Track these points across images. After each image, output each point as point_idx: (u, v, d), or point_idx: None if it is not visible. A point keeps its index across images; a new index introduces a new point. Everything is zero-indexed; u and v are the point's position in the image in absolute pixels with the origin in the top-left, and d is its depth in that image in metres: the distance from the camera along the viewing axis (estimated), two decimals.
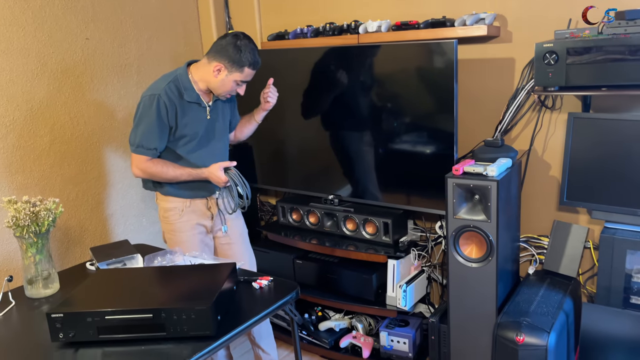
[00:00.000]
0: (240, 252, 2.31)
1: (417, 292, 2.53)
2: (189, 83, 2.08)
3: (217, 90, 2.09)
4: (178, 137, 2.09)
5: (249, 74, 2.07)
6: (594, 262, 2.25)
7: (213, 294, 1.49)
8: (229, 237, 2.29)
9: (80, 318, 1.44)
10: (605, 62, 1.83)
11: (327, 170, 2.71)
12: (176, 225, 2.18)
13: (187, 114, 2.08)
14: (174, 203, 2.17)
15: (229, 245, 2.30)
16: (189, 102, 2.08)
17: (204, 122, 2.13)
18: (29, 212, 1.69)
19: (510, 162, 2.15)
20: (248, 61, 2.03)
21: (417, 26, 2.36)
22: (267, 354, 2.36)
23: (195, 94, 2.09)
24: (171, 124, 2.06)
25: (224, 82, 2.06)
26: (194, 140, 2.11)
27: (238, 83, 2.08)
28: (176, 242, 2.18)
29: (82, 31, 2.56)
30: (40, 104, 2.42)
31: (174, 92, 2.05)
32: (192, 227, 2.19)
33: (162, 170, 2.08)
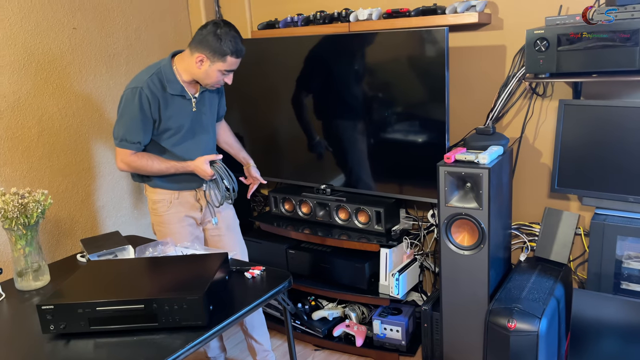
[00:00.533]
0: (230, 244, 2.29)
1: (409, 280, 2.54)
2: (172, 75, 2.04)
3: (202, 81, 2.05)
4: (162, 130, 2.06)
5: (233, 62, 2.01)
6: (584, 249, 2.27)
7: (205, 284, 1.49)
8: (219, 228, 2.27)
9: (71, 309, 1.43)
10: (595, 48, 1.83)
11: (319, 160, 2.71)
12: (164, 217, 2.17)
13: (171, 107, 2.04)
14: (162, 195, 2.15)
15: (219, 237, 2.28)
16: (172, 95, 2.04)
17: (189, 114, 2.09)
18: (17, 204, 1.67)
19: (501, 149, 2.16)
20: (230, 50, 1.96)
21: (408, 14, 2.35)
22: (260, 344, 2.36)
23: (179, 86, 2.04)
24: (154, 117, 2.02)
25: (207, 73, 2.01)
26: (179, 133, 2.08)
27: (223, 72, 2.02)
28: (165, 233, 2.17)
29: (69, 20, 2.52)
30: (27, 94, 2.39)
31: (157, 85, 2.01)
32: (180, 219, 2.17)
33: (147, 164, 2.05)
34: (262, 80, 2.76)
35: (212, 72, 2.00)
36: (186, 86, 2.07)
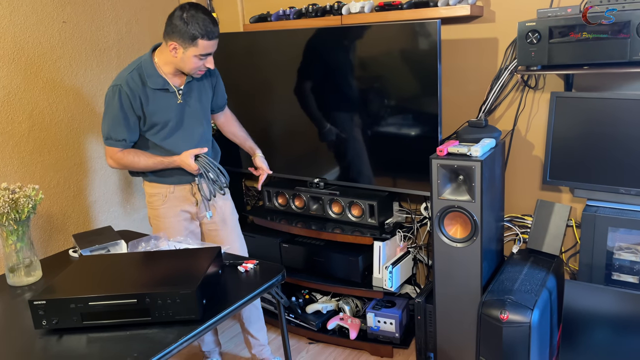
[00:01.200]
0: (227, 238, 2.27)
1: (403, 273, 2.55)
2: (152, 69, 2.00)
3: (183, 69, 1.99)
4: (149, 127, 2.04)
5: (205, 45, 1.91)
6: (576, 240, 2.28)
7: (198, 278, 1.49)
8: (216, 223, 2.25)
9: (64, 305, 1.43)
10: (588, 40, 1.83)
11: (312, 154, 2.70)
12: (160, 211, 2.16)
13: (154, 102, 2.01)
14: (158, 189, 2.14)
15: (216, 232, 2.26)
16: (154, 90, 2.00)
17: (174, 107, 2.05)
18: (7, 199, 1.66)
19: (494, 142, 2.16)
20: (199, 33, 1.87)
21: (400, 6, 2.34)
22: (256, 339, 2.36)
23: (161, 79, 2.00)
24: (138, 114, 2.00)
25: (184, 60, 1.94)
26: (166, 127, 2.05)
27: (199, 57, 1.94)
28: (160, 227, 2.16)
29: (58, 14, 2.49)
30: (17, 89, 2.37)
31: (136, 81, 1.97)
32: (176, 213, 2.17)
33: (134, 160, 2.04)
34: (254, 74, 2.75)
35: (187, 58, 1.94)
36: (170, 78, 2.03)
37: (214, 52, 1.99)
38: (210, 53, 1.97)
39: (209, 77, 2.18)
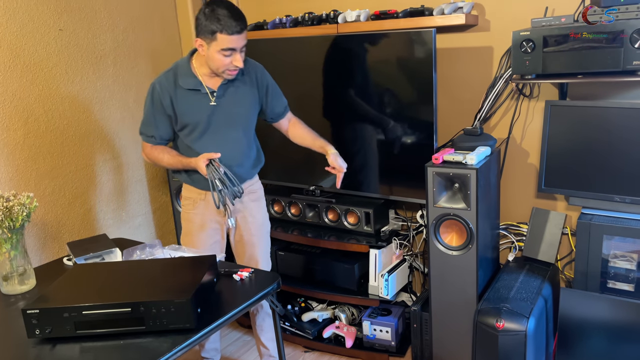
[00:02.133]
0: (251, 250, 2.22)
1: (399, 281, 2.55)
2: (187, 70, 2.00)
3: (212, 67, 1.96)
4: (180, 127, 2.03)
5: (227, 40, 1.87)
6: (571, 248, 2.29)
7: (193, 286, 1.48)
8: (242, 234, 2.20)
9: (57, 314, 1.42)
10: (581, 49, 1.84)
11: (308, 161, 2.70)
12: (189, 215, 2.16)
13: (184, 102, 2.00)
14: (191, 193, 2.14)
15: (241, 244, 2.22)
16: (186, 90, 1.99)
17: (205, 109, 2.01)
18: (2, 207, 1.65)
19: (489, 150, 2.17)
20: (218, 27, 1.85)
21: (396, 15, 2.36)
22: (267, 348, 2.34)
23: (193, 80, 1.99)
24: (168, 113, 2.01)
25: (210, 57, 1.93)
26: (197, 128, 2.02)
27: (224, 54, 1.90)
28: (186, 230, 2.17)
29: (55, 22, 2.49)
30: (13, 96, 2.36)
31: (170, 80, 2.00)
32: (203, 220, 2.14)
33: (159, 157, 2.07)
34: None
35: (212, 55, 1.91)
36: (205, 80, 2.01)
37: (240, 48, 1.93)
38: (234, 49, 1.90)
39: (256, 80, 2.11)
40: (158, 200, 3.10)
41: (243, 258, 2.25)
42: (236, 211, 2.16)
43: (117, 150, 2.84)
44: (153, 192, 3.06)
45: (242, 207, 2.17)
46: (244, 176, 2.14)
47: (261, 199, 2.26)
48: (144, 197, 3.02)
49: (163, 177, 3.07)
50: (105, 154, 2.77)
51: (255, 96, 2.12)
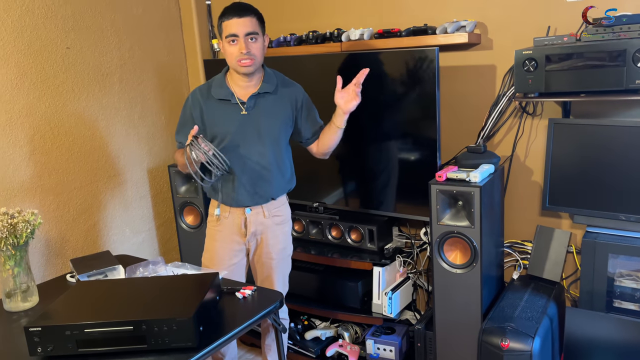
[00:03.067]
0: (268, 273, 2.19)
1: (402, 299, 2.53)
2: (221, 81, 2.06)
3: (230, 64, 2.01)
4: (210, 138, 2.04)
5: (229, 24, 1.95)
6: (577, 267, 2.27)
7: (195, 304, 1.47)
8: (259, 255, 2.18)
9: (59, 331, 1.41)
10: (584, 68, 1.85)
11: (311, 178, 2.71)
12: (211, 231, 2.16)
13: (214, 112, 2.03)
14: (215, 209, 2.14)
15: (258, 264, 2.20)
16: (217, 100, 2.03)
17: (236, 119, 2.02)
18: (6, 224, 1.66)
19: (492, 168, 2.17)
20: (221, 17, 1.98)
21: (399, 34, 2.38)
22: None
23: (224, 90, 2.03)
24: (198, 123, 2.02)
25: (225, 53, 1.99)
26: (225, 139, 2.03)
27: (230, 42, 1.95)
28: (208, 247, 2.17)
29: (62, 40, 2.53)
30: (19, 113, 2.39)
31: (203, 92, 2.06)
32: (224, 239, 2.13)
33: (177, 159, 2.09)
34: None
35: (226, 50, 1.99)
36: (236, 91, 2.04)
37: (244, 35, 1.94)
38: (236, 34, 1.94)
39: (294, 101, 2.12)
40: (162, 217, 3.10)
41: (259, 278, 2.23)
42: (258, 232, 2.14)
43: (122, 166, 2.85)
44: (157, 208, 3.07)
45: (264, 228, 2.14)
46: (269, 194, 2.11)
47: (286, 223, 2.21)
48: (148, 213, 3.02)
49: (167, 194, 3.08)
50: (109, 170, 2.78)
51: (288, 113, 2.11)
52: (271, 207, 2.13)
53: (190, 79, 3.18)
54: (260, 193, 2.08)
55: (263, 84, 2.06)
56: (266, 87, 2.06)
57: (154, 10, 2.95)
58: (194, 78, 3.16)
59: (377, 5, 2.58)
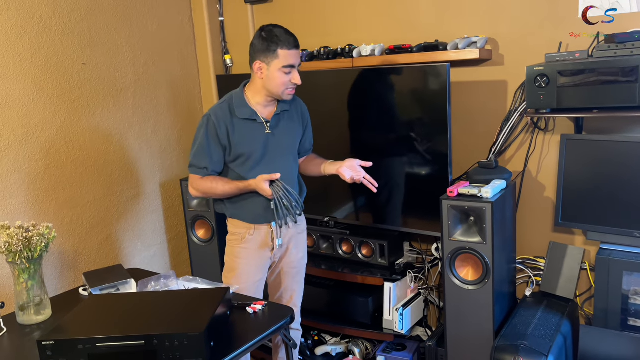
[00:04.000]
0: (286, 284, 2.21)
1: (414, 315, 2.51)
2: (242, 100, 2.04)
3: (272, 90, 1.99)
4: (234, 157, 2.04)
5: (287, 55, 1.94)
6: (590, 284, 2.24)
7: (206, 319, 1.48)
8: (280, 265, 2.19)
9: (71, 345, 1.42)
10: (596, 84, 1.85)
11: (322, 192, 2.71)
12: (236, 250, 2.12)
13: (240, 132, 2.03)
14: (238, 228, 2.11)
15: (279, 274, 2.21)
16: (242, 120, 2.03)
17: (261, 138, 2.04)
18: (21, 237, 1.68)
19: (504, 183, 2.16)
20: (277, 44, 1.93)
21: (410, 50, 2.39)
22: None
23: (249, 110, 2.03)
24: (224, 144, 2.02)
25: (270, 78, 1.97)
26: (251, 158, 2.04)
27: (285, 72, 1.96)
28: (231, 266, 2.13)
29: (78, 56, 2.58)
30: (35, 128, 2.43)
31: (225, 111, 2.03)
32: (250, 256, 2.12)
33: (212, 186, 2.04)
34: None
35: (273, 74, 1.96)
36: (259, 110, 2.05)
37: (298, 65, 1.99)
38: (294, 65, 1.97)
39: (301, 115, 2.16)
40: (173, 230, 3.12)
41: (279, 289, 2.23)
42: (285, 242, 2.15)
43: (135, 180, 2.88)
44: (169, 222, 3.09)
45: (289, 238, 2.16)
46: None
47: (305, 231, 2.25)
48: (160, 227, 3.04)
49: (179, 207, 3.10)
50: (122, 184, 2.81)
51: (300, 128, 2.16)
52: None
53: (203, 94, 3.22)
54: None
55: (281, 103, 2.09)
56: (284, 106, 2.10)
57: (168, 26, 3.00)
58: (207, 93, 3.19)
59: (388, 22, 2.60)
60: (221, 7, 3.14)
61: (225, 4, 3.13)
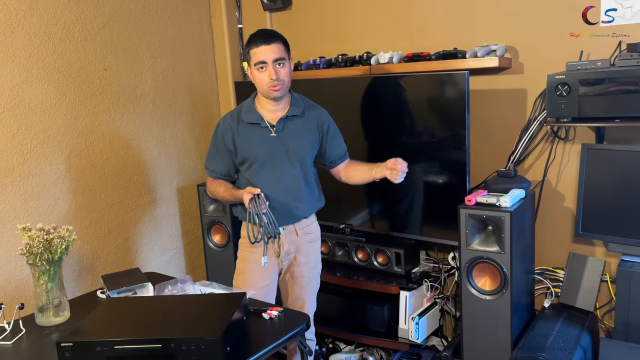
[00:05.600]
0: (298, 292, 2.21)
1: (429, 324, 2.49)
2: (250, 105, 2.10)
3: (259, 89, 2.05)
4: (241, 161, 2.09)
5: (257, 52, 1.98)
6: (611, 296, 2.20)
7: (223, 324, 1.48)
8: (290, 273, 2.20)
9: (90, 347, 1.43)
10: (618, 93, 1.82)
11: (338, 199, 2.71)
12: (245, 254, 2.16)
13: (246, 136, 2.07)
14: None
15: (289, 282, 2.21)
16: (247, 124, 2.07)
17: (266, 142, 2.06)
18: (42, 239, 1.70)
19: (523, 192, 2.14)
20: (249, 45, 2.01)
21: (428, 57, 2.39)
22: None
23: (254, 114, 2.07)
24: (229, 148, 2.08)
25: (255, 79, 2.03)
26: (256, 161, 2.07)
27: (259, 69, 1.99)
28: (240, 269, 2.16)
29: (100, 62, 2.62)
30: (57, 132, 2.47)
31: (234, 117, 2.10)
32: (256, 259, 2.12)
33: (215, 190, 2.14)
34: None
35: (253, 75, 2.03)
36: (266, 115, 2.07)
37: (272, 61, 1.98)
38: (264, 61, 1.98)
39: (318, 124, 2.13)
40: (190, 235, 3.14)
41: (289, 297, 2.23)
42: (291, 250, 2.15)
43: (152, 185, 2.91)
44: (185, 226, 3.11)
45: (297, 246, 2.16)
46: (301, 213, 2.13)
47: (316, 241, 2.23)
48: (176, 232, 3.06)
49: (195, 212, 3.12)
50: (140, 189, 2.84)
51: (315, 136, 2.14)
52: (302, 225, 2.15)
53: (220, 101, 3.24)
54: (293, 213, 2.10)
55: (291, 108, 2.09)
56: (294, 111, 2.09)
57: (188, 33, 3.04)
58: (225, 100, 3.22)
59: (406, 29, 2.60)
60: (240, 14, 3.17)
61: (244, 11, 3.16)
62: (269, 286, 2.16)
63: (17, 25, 2.31)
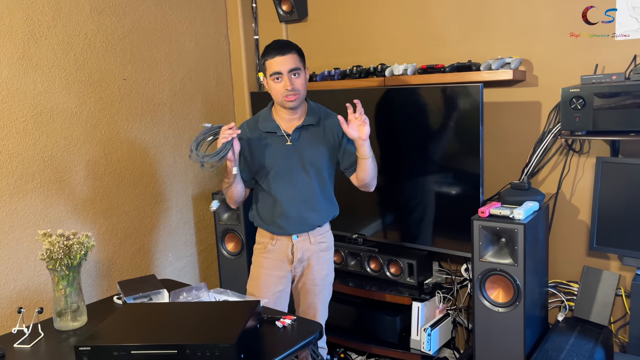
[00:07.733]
0: (309, 300, 2.22)
1: (442, 336, 2.48)
2: (267, 114, 2.13)
3: (275, 100, 2.08)
4: (257, 169, 2.11)
5: (272, 63, 2.01)
6: (626, 311, 2.18)
7: (237, 331, 1.50)
8: (303, 282, 2.21)
9: (107, 352, 1.46)
10: (633, 107, 1.82)
11: (351, 209, 2.72)
12: (258, 259, 2.19)
13: (261, 144, 2.10)
14: (263, 237, 2.18)
15: (301, 290, 2.22)
16: (265, 133, 2.10)
17: (281, 151, 2.09)
18: (62, 245, 1.74)
19: (537, 205, 2.13)
20: (264, 57, 2.04)
21: (443, 70, 2.41)
22: None
23: (271, 123, 2.10)
24: (246, 155, 2.10)
25: (270, 89, 2.06)
26: (272, 170, 2.10)
27: (274, 80, 2.02)
28: (253, 275, 2.19)
29: (120, 72, 2.67)
30: (77, 140, 2.52)
31: (251, 125, 2.14)
32: (271, 266, 2.15)
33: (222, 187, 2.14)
34: None
35: (269, 85, 2.05)
36: (282, 124, 2.10)
37: (287, 71, 2.00)
38: (279, 72, 2.00)
39: (333, 132, 2.13)
40: (204, 243, 3.17)
41: (302, 305, 2.24)
42: (305, 258, 2.17)
43: (168, 192, 2.95)
44: (199, 234, 3.14)
45: (311, 254, 2.17)
46: (315, 222, 2.15)
47: (329, 250, 2.24)
48: (191, 239, 3.10)
49: (210, 220, 3.15)
50: (156, 196, 2.88)
51: (330, 144, 2.14)
52: (316, 233, 2.16)
53: (236, 110, 3.29)
54: (307, 221, 2.12)
55: (307, 117, 2.12)
56: (310, 120, 2.11)
57: (205, 44, 3.09)
58: (240, 110, 3.26)
59: (421, 41, 2.63)
60: (256, 25, 3.22)
61: (260, 22, 3.21)
62: (281, 292, 2.18)
63: (41, 36, 2.37)
